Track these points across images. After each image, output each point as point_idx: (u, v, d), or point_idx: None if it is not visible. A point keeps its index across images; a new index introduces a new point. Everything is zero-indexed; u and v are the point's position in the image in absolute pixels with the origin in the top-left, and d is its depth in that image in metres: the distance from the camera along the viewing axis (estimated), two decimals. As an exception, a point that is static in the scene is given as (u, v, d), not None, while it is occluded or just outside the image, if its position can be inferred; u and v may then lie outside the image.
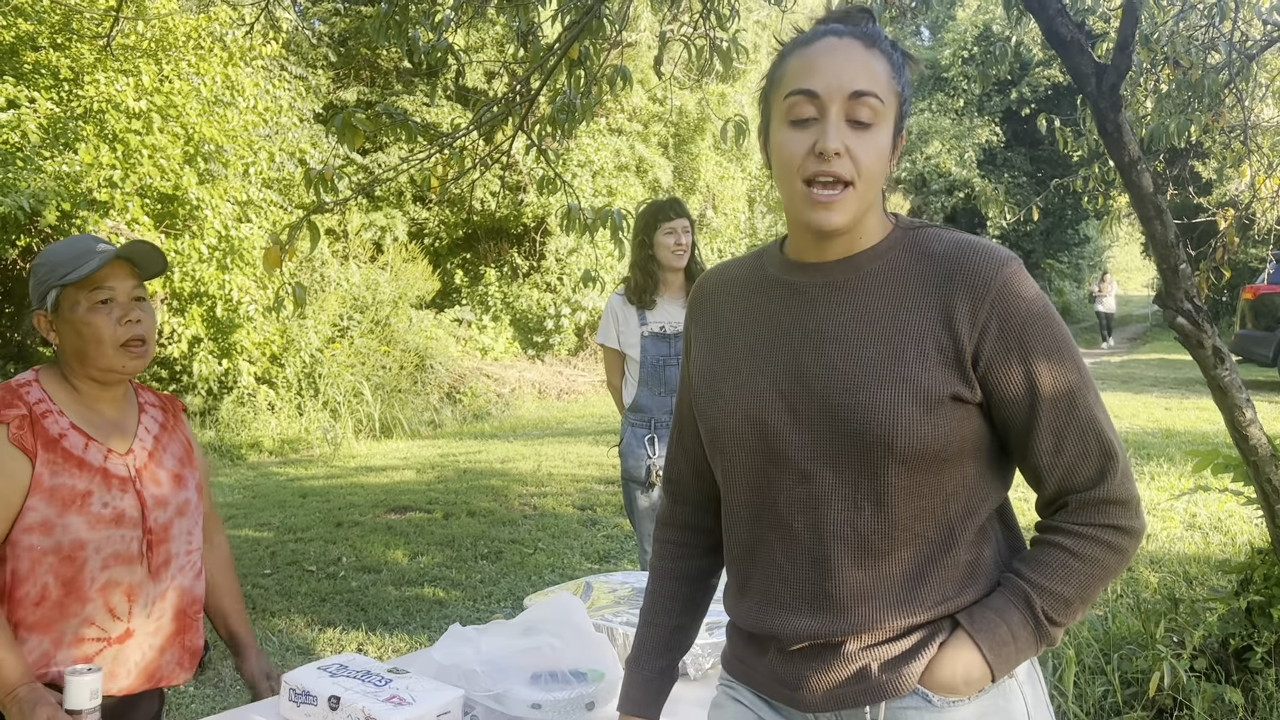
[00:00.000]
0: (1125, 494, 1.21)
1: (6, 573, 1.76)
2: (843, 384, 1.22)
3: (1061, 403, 1.20)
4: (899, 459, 1.18)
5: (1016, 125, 23.46)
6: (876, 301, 1.24)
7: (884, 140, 1.21)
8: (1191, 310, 2.91)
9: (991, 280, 1.20)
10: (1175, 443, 8.59)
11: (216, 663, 4.21)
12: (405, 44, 4.15)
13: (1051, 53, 20.99)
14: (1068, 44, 2.78)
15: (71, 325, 1.83)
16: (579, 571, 5.54)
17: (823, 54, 1.20)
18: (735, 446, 1.29)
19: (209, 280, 9.62)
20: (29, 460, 1.75)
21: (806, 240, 1.29)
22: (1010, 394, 1.21)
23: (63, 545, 1.76)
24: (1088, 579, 1.20)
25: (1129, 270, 46.98)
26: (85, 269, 1.81)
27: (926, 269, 1.24)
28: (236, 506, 7.48)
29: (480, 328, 15.37)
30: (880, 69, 1.20)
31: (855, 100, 1.18)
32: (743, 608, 1.33)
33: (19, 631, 1.76)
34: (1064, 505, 1.23)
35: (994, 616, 1.20)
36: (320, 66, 14.23)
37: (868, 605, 1.22)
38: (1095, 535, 1.20)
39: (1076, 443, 1.20)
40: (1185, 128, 4.44)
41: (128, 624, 1.85)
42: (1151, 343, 21.76)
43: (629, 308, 3.74)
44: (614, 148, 15.69)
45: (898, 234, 1.29)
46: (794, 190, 1.21)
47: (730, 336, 1.35)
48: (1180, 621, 3.52)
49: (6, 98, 8.55)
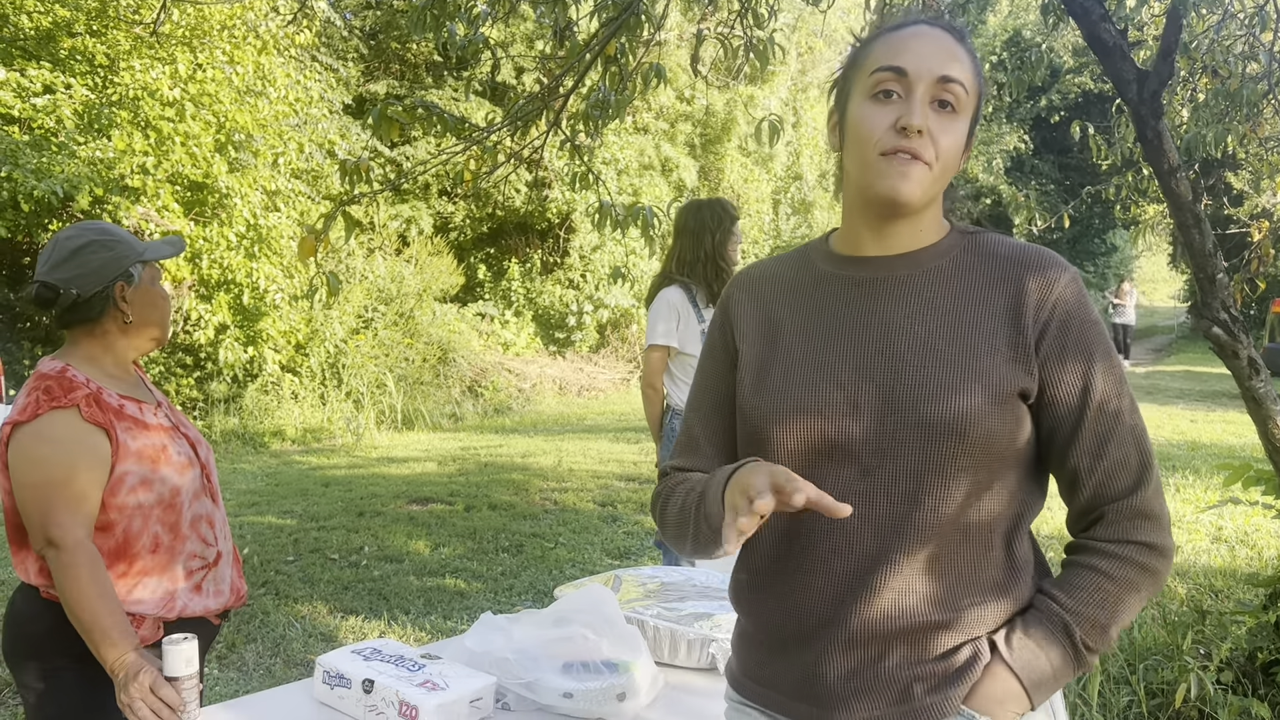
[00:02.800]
0: (1158, 508, 1.21)
1: (118, 535, 1.90)
2: (912, 375, 1.20)
3: (1109, 407, 1.20)
4: (968, 450, 1.18)
5: (1045, 132, 23.30)
6: (943, 296, 1.24)
7: (963, 130, 1.21)
8: (1228, 320, 2.90)
9: (1057, 281, 1.22)
10: (1201, 455, 8.52)
11: (240, 647, 4.26)
12: (441, 37, 4.17)
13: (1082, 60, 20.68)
14: (1110, 50, 2.77)
15: (150, 298, 2.03)
16: (600, 567, 5.55)
17: (914, 38, 1.21)
18: (786, 440, 1.26)
19: (237, 268, 9.70)
20: (106, 433, 1.88)
21: (867, 229, 1.28)
22: (1063, 393, 1.21)
23: (164, 496, 1.96)
24: (1122, 603, 1.20)
25: (1155, 281, 46.59)
26: (166, 250, 2.06)
27: (993, 268, 1.24)
28: (259, 494, 7.54)
29: (503, 322, 15.41)
30: (967, 62, 1.21)
31: (943, 84, 1.18)
32: (770, 613, 1.30)
33: (141, 578, 1.93)
34: (1099, 518, 1.22)
35: (1034, 648, 1.19)
36: (350, 59, 14.31)
37: (911, 601, 1.20)
38: (1129, 556, 1.20)
39: (1118, 449, 1.20)
40: (1223, 138, 4.40)
41: (217, 547, 2.10)
42: (1177, 354, 21.51)
43: (689, 305, 3.63)
44: (639, 147, 15.70)
45: (956, 235, 1.29)
46: (868, 161, 1.20)
47: (780, 331, 1.33)
48: (1207, 634, 3.50)
49: (43, 84, 8.64)
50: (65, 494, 1.81)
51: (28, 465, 1.83)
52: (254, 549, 5.82)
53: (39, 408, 1.84)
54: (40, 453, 1.83)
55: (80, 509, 1.83)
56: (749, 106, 16.81)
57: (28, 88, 8.49)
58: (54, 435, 1.83)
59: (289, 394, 10.98)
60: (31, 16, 9.20)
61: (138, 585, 1.93)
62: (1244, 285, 4.47)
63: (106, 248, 1.97)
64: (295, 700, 1.86)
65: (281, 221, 10.14)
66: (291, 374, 11.14)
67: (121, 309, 1.98)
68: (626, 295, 15.64)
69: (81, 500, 1.83)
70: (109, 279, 1.95)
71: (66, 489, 1.82)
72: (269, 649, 4.26)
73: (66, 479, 1.82)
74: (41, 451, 1.83)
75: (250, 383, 10.76)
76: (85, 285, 1.94)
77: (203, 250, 9.48)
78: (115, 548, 1.90)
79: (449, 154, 4.09)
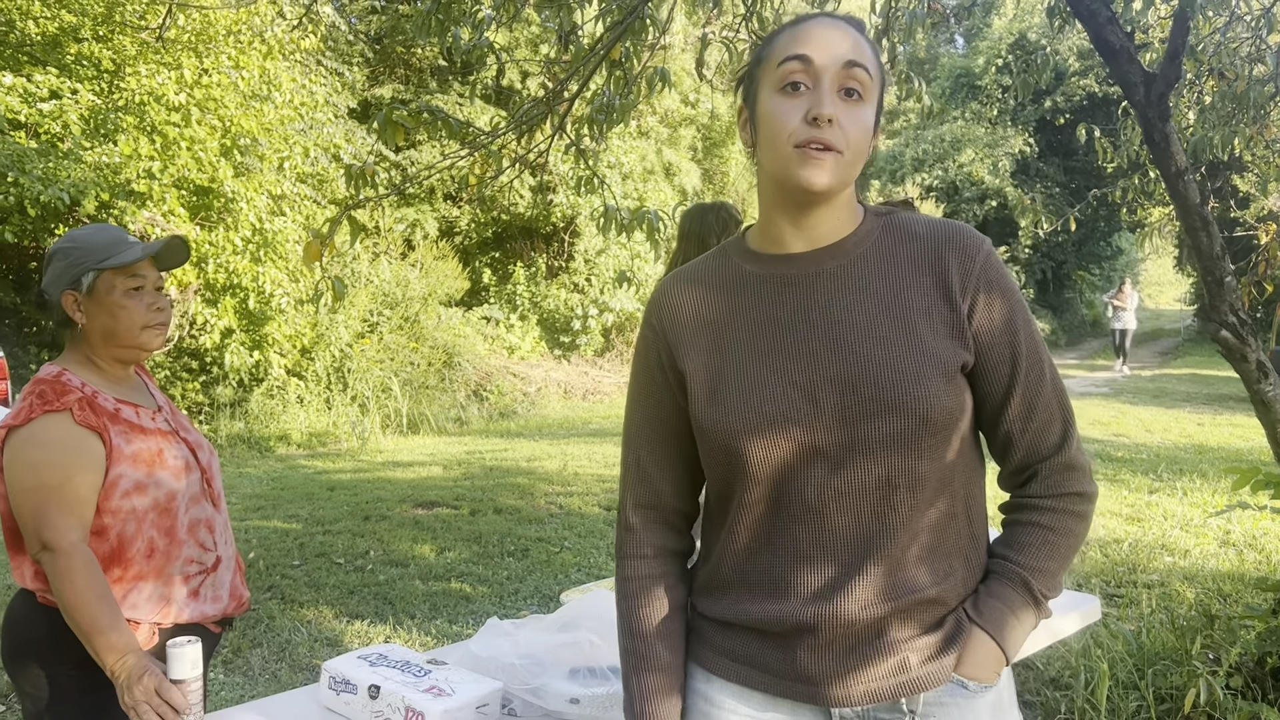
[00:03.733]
0: (1081, 459, 1.31)
1: (112, 540, 1.89)
2: (865, 365, 1.22)
3: (1034, 371, 1.27)
4: (931, 430, 1.21)
5: (1050, 135, 23.28)
6: (874, 281, 1.27)
7: (869, 116, 1.23)
8: (1236, 324, 2.88)
9: (977, 252, 1.27)
10: (1209, 459, 8.49)
11: (246, 652, 4.25)
12: (446, 42, 4.18)
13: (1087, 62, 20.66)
14: (1116, 52, 2.76)
15: (105, 307, 1.96)
16: (605, 571, 5.54)
17: (816, 28, 1.24)
18: (754, 449, 1.25)
19: (242, 272, 9.72)
20: (99, 437, 1.87)
21: (787, 222, 1.29)
22: (994, 362, 1.27)
23: (159, 500, 1.94)
24: (1066, 549, 1.30)
25: (1160, 284, 46.53)
26: (126, 256, 1.96)
27: (915, 248, 1.29)
28: (265, 497, 7.54)
29: (507, 326, 15.43)
30: (868, 50, 1.25)
31: (848, 69, 1.21)
32: (755, 606, 1.29)
33: (136, 583, 1.92)
34: (1032, 475, 1.31)
35: (1000, 606, 1.27)
36: (355, 64, 14.34)
37: (899, 580, 1.24)
38: (1065, 507, 1.29)
39: (1044, 410, 1.28)
40: (1229, 140, 4.39)
41: (216, 552, 2.07)
42: (1184, 357, 21.42)
43: None
44: (641, 151, 15.71)
45: (872, 220, 1.32)
46: (782, 154, 1.22)
47: (724, 340, 1.31)
48: (1216, 638, 3.48)
49: (49, 89, 8.67)
50: (59, 497, 1.81)
51: (21, 469, 1.82)
52: (259, 553, 5.82)
53: (32, 412, 1.84)
54: (33, 457, 1.82)
55: (75, 512, 1.82)
56: (753, 110, 16.79)
57: (34, 93, 8.52)
58: (47, 439, 1.83)
59: (294, 398, 10.99)
60: (38, 22, 9.24)
61: (133, 590, 1.92)
62: (1251, 288, 4.46)
63: (65, 255, 1.96)
64: (301, 706, 1.86)
65: (287, 226, 10.17)
66: (297, 378, 11.16)
67: (74, 318, 1.96)
68: (631, 299, 15.64)
69: (76, 503, 1.83)
70: (62, 287, 1.95)
71: (60, 492, 1.81)
72: (274, 653, 4.26)
73: (60, 482, 1.82)
74: (35, 455, 1.82)
75: (256, 387, 10.78)
76: (51, 293, 1.96)
77: (208, 255, 9.50)
78: (110, 552, 1.89)
79: (454, 159, 4.10)
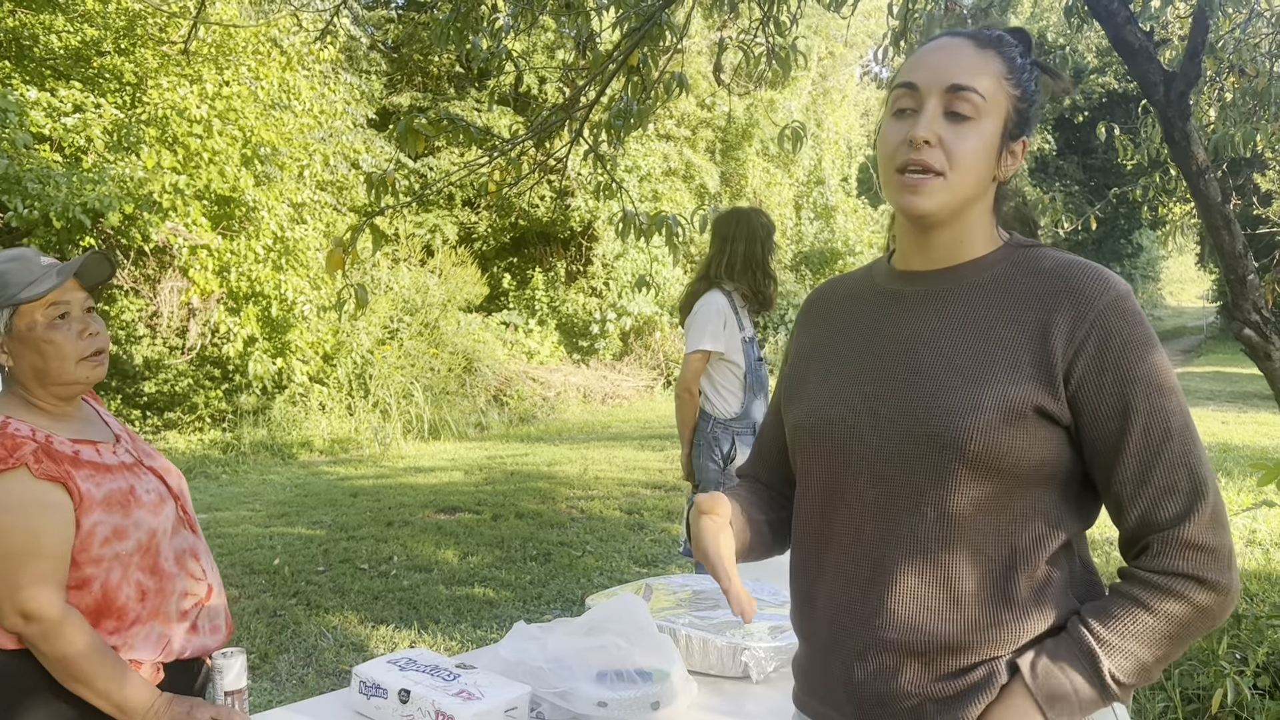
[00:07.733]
0: (1213, 540, 1.13)
1: (96, 591, 1.74)
2: (925, 386, 1.22)
3: (1154, 432, 1.14)
4: (970, 464, 1.16)
5: (1069, 133, 23.16)
6: (976, 311, 1.24)
7: (984, 136, 1.21)
8: (1259, 322, 2.87)
9: (1096, 300, 1.17)
10: (1233, 457, 8.42)
11: (273, 657, 4.29)
12: (464, 50, 4.21)
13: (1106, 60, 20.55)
14: (1136, 51, 2.75)
15: (30, 344, 1.75)
16: (628, 575, 5.56)
17: (930, 51, 1.24)
18: (811, 446, 1.31)
19: (264, 280, 9.80)
20: (64, 486, 1.71)
21: (910, 244, 1.31)
22: (1100, 415, 1.16)
23: (141, 541, 1.79)
24: (1161, 635, 1.13)
25: (1183, 281, 46.11)
26: (41, 286, 1.74)
27: (1033, 284, 1.22)
28: (288, 504, 7.60)
29: (526, 331, 15.47)
30: (990, 68, 1.21)
31: (953, 94, 1.19)
32: (809, 619, 1.32)
33: (134, 627, 1.78)
34: (1145, 547, 1.16)
35: (1057, 672, 1.14)
36: (374, 72, 14.43)
37: (921, 616, 1.20)
38: (1173, 587, 1.12)
39: (1164, 475, 1.14)
40: (1251, 137, 4.37)
41: (207, 580, 1.93)
42: (1207, 355, 21.24)
43: (732, 311, 3.65)
44: (661, 153, 15.72)
45: (1006, 250, 1.28)
46: (888, 179, 1.24)
47: (827, 343, 1.38)
48: (1243, 638, 3.46)
49: (73, 103, 8.77)
50: (33, 564, 1.66)
51: None
52: (284, 559, 5.87)
53: None
54: None
55: (52, 576, 1.68)
56: (770, 111, 16.81)
57: (58, 108, 8.62)
58: (7, 503, 1.65)
59: (317, 405, 11.06)
60: (61, 37, 9.35)
61: (132, 637, 1.78)
62: (1275, 286, 4.43)
63: None
64: (332, 710, 1.88)
65: (308, 233, 10.24)
66: (319, 385, 11.23)
67: (0, 361, 1.77)
68: (650, 303, 15.65)
69: (51, 566, 1.68)
70: None
71: (34, 559, 1.66)
72: (301, 659, 4.30)
73: (30, 548, 1.66)
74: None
75: (278, 394, 10.85)
76: None
77: (231, 263, 9.58)
78: (95, 604, 1.74)
79: (474, 166, 4.13)
